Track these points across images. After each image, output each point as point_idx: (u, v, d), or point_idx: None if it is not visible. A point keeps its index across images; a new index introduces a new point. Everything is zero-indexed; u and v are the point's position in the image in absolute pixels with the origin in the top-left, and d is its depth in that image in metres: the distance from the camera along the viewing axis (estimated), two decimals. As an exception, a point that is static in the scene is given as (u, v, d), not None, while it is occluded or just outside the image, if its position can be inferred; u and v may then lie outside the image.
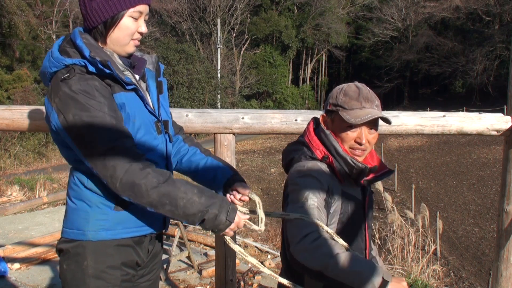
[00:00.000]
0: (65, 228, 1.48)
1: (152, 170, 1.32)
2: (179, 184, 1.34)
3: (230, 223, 1.39)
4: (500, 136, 2.35)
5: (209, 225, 1.38)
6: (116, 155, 1.29)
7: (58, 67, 1.37)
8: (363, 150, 1.51)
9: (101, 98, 1.33)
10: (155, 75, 1.60)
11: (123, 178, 1.29)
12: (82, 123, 1.31)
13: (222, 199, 1.40)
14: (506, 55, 31.71)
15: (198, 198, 1.34)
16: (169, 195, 1.32)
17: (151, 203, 1.32)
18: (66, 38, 1.45)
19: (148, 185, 1.29)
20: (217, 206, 1.37)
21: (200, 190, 1.37)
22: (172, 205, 1.32)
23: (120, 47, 1.45)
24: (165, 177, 1.33)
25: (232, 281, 2.44)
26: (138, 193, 1.30)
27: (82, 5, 1.41)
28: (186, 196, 1.33)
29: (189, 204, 1.33)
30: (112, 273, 1.44)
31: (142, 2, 1.42)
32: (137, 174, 1.29)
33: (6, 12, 22.66)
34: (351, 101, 1.48)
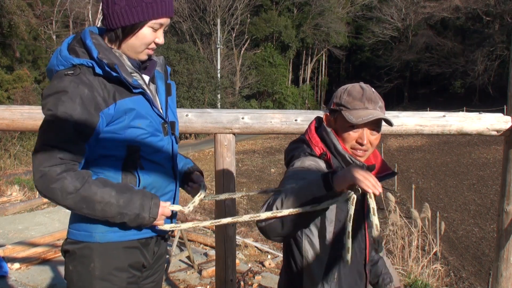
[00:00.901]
0: (71, 229, 1.48)
1: (69, 176, 1.31)
2: (95, 188, 1.33)
3: (154, 219, 1.41)
4: (500, 136, 2.35)
5: (133, 224, 1.40)
6: (42, 157, 1.31)
7: (65, 66, 1.37)
8: (364, 151, 1.51)
9: (77, 105, 1.32)
10: (164, 77, 1.61)
11: (38, 181, 1.31)
12: (46, 115, 1.34)
13: (143, 196, 1.40)
14: (506, 55, 31.72)
15: (116, 201, 1.34)
16: (85, 200, 1.32)
17: (67, 207, 1.34)
18: (76, 37, 1.44)
19: (63, 191, 1.30)
20: (137, 205, 1.37)
21: (119, 190, 1.37)
22: (89, 209, 1.34)
23: (133, 53, 1.45)
24: (82, 182, 1.32)
25: (232, 281, 2.44)
26: (54, 197, 1.32)
27: (105, 4, 1.39)
28: (103, 200, 1.33)
29: (107, 208, 1.34)
30: (118, 275, 1.44)
31: (165, 15, 1.41)
32: (52, 179, 1.30)
33: (6, 12, 22.66)
34: (354, 101, 1.48)
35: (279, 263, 5.32)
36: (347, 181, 1.20)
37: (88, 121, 1.33)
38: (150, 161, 1.47)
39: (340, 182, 1.21)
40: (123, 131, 1.40)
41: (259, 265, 5.16)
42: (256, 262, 5.33)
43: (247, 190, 14.55)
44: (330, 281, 1.48)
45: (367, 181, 1.19)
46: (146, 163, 1.46)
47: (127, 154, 1.43)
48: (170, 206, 1.47)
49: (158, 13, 1.38)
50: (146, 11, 1.37)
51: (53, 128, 1.32)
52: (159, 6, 1.38)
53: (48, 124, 1.33)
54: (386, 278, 1.74)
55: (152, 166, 1.48)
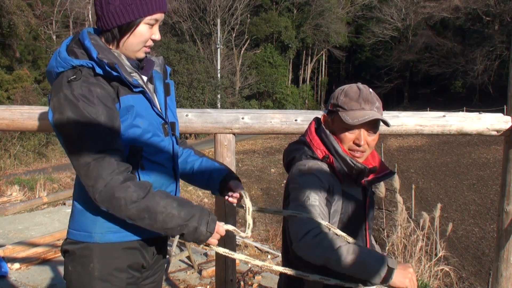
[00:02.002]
0: (71, 230, 1.48)
1: (132, 184, 1.30)
2: (158, 199, 1.33)
3: (210, 234, 1.39)
4: (500, 136, 2.35)
5: (190, 238, 1.38)
6: (99, 167, 1.29)
7: (65, 68, 1.37)
8: (362, 152, 1.51)
9: (99, 106, 1.32)
10: (163, 77, 1.60)
11: (102, 191, 1.29)
12: (73, 128, 1.31)
13: (202, 210, 1.39)
14: (506, 55, 31.71)
15: (178, 212, 1.34)
16: (148, 210, 1.31)
17: (129, 217, 1.32)
18: (75, 38, 1.44)
19: (128, 200, 1.29)
20: (197, 218, 1.36)
21: (180, 203, 1.36)
22: (151, 219, 1.32)
23: (131, 52, 1.44)
24: (145, 192, 1.32)
25: (232, 281, 2.44)
26: (117, 206, 1.30)
27: (98, 5, 1.39)
28: (165, 210, 1.32)
29: (168, 219, 1.33)
30: (118, 276, 1.44)
31: (159, 10, 1.41)
32: (117, 187, 1.28)
33: (6, 12, 22.67)
34: (351, 102, 1.48)
35: (279, 263, 5.31)
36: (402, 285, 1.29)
37: (114, 116, 1.35)
38: (152, 161, 1.47)
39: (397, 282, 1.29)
40: (126, 131, 1.40)
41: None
42: (256, 262, 5.33)
43: (247, 190, 14.49)
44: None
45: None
46: (148, 163, 1.46)
47: (129, 154, 1.42)
48: (224, 226, 1.46)
49: (152, 9, 1.39)
50: (141, 8, 1.37)
51: (89, 137, 1.30)
52: (153, 2, 1.38)
53: (82, 135, 1.31)
54: None
55: (154, 166, 1.48)
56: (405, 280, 1.27)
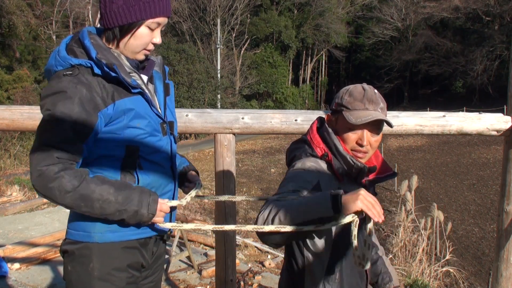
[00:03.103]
0: (70, 230, 1.48)
1: (66, 174, 1.30)
2: (93, 186, 1.33)
3: (152, 215, 1.40)
4: (500, 136, 2.35)
5: (132, 221, 1.39)
6: (40, 157, 1.30)
7: (63, 66, 1.37)
8: (364, 153, 1.51)
9: (76, 106, 1.31)
10: (162, 77, 1.60)
11: (36, 180, 1.30)
12: (44, 115, 1.33)
13: (141, 192, 1.39)
14: (506, 55, 31.72)
15: (115, 198, 1.34)
16: (83, 198, 1.31)
17: (66, 206, 1.33)
18: (75, 37, 1.44)
19: (61, 190, 1.29)
20: (136, 202, 1.37)
21: (118, 188, 1.36)
22: (88, 207, 1.33)
23: (131, 53, 1.45)
24: (79, 180, 1.32)
25: (232, 281, 2.44)
26: (52, 196, 1.31)
27: (102, 4, 1.39)
28: (101, 197, 1.33)
29: (105, 205, 1.33)
30: (117, 275, 1.44)
31: (162, 14, 1.40)
32: (50, 178, 1.29)
33: (6, 12, 22.67)
34: (355, 102, 1.48)
35: (279, 263, 5.32)
36: (355, 207, 1.21)
37: (87, 121, 1.33)
38: (149, 161, 1.47)
39: (349, 206, 1.22)
40: (121, 131, 1.40)
41: (259, 265, 5.17)
42: (256, 262, 5.33)
43: (247, 190, 14.55)
44: (331, 282, 1.48)
45: (374, 209, 1.21)
46: (145, 163, 1.46)
47: (126, 154, 1.42)
48: (168, 202, 1.47)
49: (155, 12, 1.38)
50: (144, 10, 1.37)
51: (51, 128, 1.32)
52: (156, 5, 1.38)
53: (46, 124, 1.33)
54: (385, 277, 1.74)
55: (151, 166, 1.48)
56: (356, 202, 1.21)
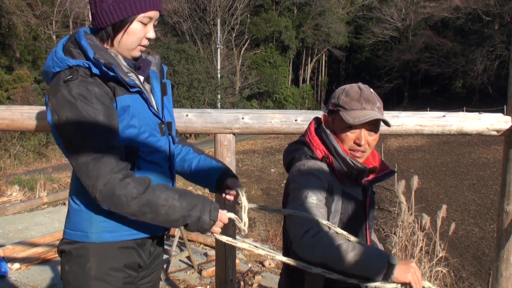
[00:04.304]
0: (67, 230, 1.48)
1: (131, 180, 1.30)
2: (159, 192, 1.33)
3: (214, 222, 1.40)
4: (500, 136, 2.35)
5: (194, 227, 1.39)
6: (98, 166, 1.29)
7: (61, 68, 1.37)
8: (362, 152, 1.51)
9: (98, 105, 1.32)
10: (159, 76, 1.60)
11: (102, 190, 1.28)
12: (73, 128, 1.31)
13: (203, 199, 1.40)
14: (506, 55, 31.71)
15: (179, 204, 1.34)
16: (149, 204, 1.31)
17: (131, 213, 1.32)
18: (71, 38, 1.43)
19: (128, 196, 1.29)
20: (199, 208, 1.37)
21: (181, 194, 1.37)
22: (153, 213, 1.32)
23: (126, 50, 1.44)
24: (144, 187, 1.32)
25: (232, 281, 2.44)
26: (118, 204, 1.30)
27: (93, 4, 1.39)
28: (167, 203, 1.33)
29: (170, 211, 1.33)
30: (114, 275, 1.44)
31: (153, 8, 1.41)
32: (116, 185, 1.28)
33: (5, 12, 22.66)
34: (352, 102, 1.48)
35: (279, 263, 5.32)
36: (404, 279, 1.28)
37: (112, 114, 1.35)
38: (148, 161, 1.47)
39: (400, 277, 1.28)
40: (123, 131, 1.40)
41: (259, 265, 5.17)
42: (256, 262, 5.33)
43: (247, 190, 14.54)
44: (331, 282, 1.48)
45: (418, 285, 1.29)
46: (144, 163, 1.46)
47: (125, 154, 1.42)
48: (227, 214, 1.47)
49: (146, 6, 1.39)
50: (134, 6, 1.37)
51: (87, 135, 1.31)
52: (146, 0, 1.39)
53: (81, 135, 1.31)
54: None
55: (150, 166, 1.48)
56: (407, 274, 1.26)
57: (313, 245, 1.32)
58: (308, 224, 1.36)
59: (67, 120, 1.31)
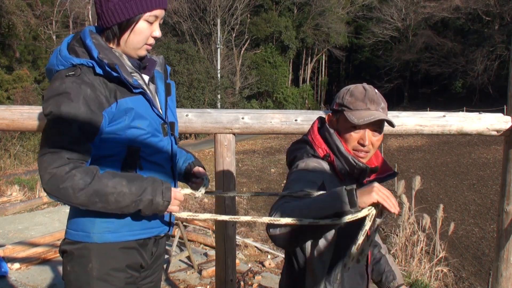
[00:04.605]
0: (69, 230, 1.48)
1: (78, 172, 1.30)
2: (105, 180, 1.32)
3: (168, 202, 1.39)
4: (500, 136, 2.35)
5: (148, 211, 1.37)
6: (51, 159, 1.29)
7: (65, 66, 1.37)
8: (366, 152, 1.51)
9: (81, 106, 1.31)
10: (164, 77, 1.60)
11: (48, 182, 1.29)
12: (50, 118, 1.32)
13: (153, 181, 1.38)
14: (506, 55, 31.71)
15: (128, 189, 1.33)
16: (97, 193, 1.30)
17: (80, 204, 1.32)
18: (76, 36, 1.43)
19: (75, 188, 1.28)
20: (150, 190, 1.36)
21: (130, 179, 1.35)
22: (103, 202, 1.31)
23: (132, 50, 1.44)
24: (91, 176, 1.31)
25: (232, 281, 2.44)
26: (66, 196, 1.29)
27: (98, 4, 1.39)
28: (115, 190, 1.31)
29: (120, 198, 1.32)
30: (116, 276, 1.44)
31: (159, 6, 1.41)
32: (62, 178, 1.28)
33: (5, 12, 22.66)
34: (357, 102, 1.48)
35: (279, 263, 5.32)
36: (371, 199, 1.21)
37: (93, 121, 1.33)
38: (150, 161, 1.47)
39: (365, 199, 1.22)
40: (123, 131, 1.40)
41: (259, 265, 5.17)
42: (256, 262, 5.33)
43: (247, 190, 14.54)
44: (333, 282, 1.48)
45: (389, 201, 1.21)
46: (146, 163, 1.46)
47: (127, 154, 1.42)
48: (181, 190, 1.46)
49: (152, 5, 1.39)
50: (140, 5, 1.37)
51: (58, 130, 1.31)
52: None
53: (53, 126, 1.32)
54: (389, 276, 1.74)
55: (152, 166, 1.48)
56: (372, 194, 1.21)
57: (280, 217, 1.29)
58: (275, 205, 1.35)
59: (49, 110, 1.32)
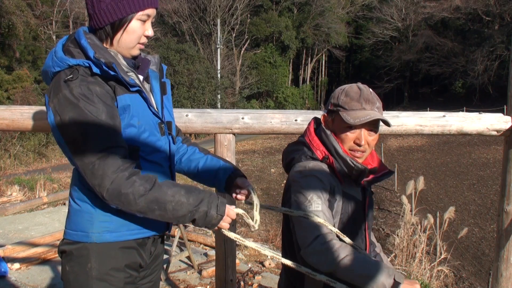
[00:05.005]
0: (68, 230, 1.48)
1: (138, 178, 1.31)
2: (165, 188, 1.33)
3: (221, 217, 1.39)
4: (500, 136, 2.35)
5: (201, 223, 1.38)
6: (104, 165, 1.29)
7: (61, 67, 1.36)
8: (362, 152, 1.51)
9: (100, 105, 1.32)
10: (159, 75, 1.60)
11: (109, 188, 1.28)
12: (76, 128, 1.30)
13: (210, 194, 1.39)
14: (506, 55, 31.70)
15: (186, 199, 1.34)
16: (157, 201, 1.31)
17: (139, 211, 1.32)
18: (70, 37, 1.43)
19: (136, 194, 1.29)
20: (206, 203, 1.36)
21: (188, 190, 1.36)
22: (161, 210, 1.32)
23: (126, 49, 1.44)
24: (151, 183, 1.32)
25: (232, 281, 2.44)
26: (126, 202, 1.30)
27: (90, 4, 1.39)
28: (174, 199, 1.32)
29: (178, 207, 1.33)
30: (115, 275, 1.44)
31: (150, 5, 1.41)
32: (123, 183, 1.28)
33: (5, 12, 22.66)
34: (352, 102, 1.48)
35: (279, 263, 5.31)
36: None
37: (114, 113, 1.35)
38: (149, 161, 1.47)
39: None
40: (124, 130, 1.40)
41: (259, 265, 5.16)
42: (256, 262, 5.33)
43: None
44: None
45: None
46: (145, 163, 1.46)
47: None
48: (235, 209, 1.46)
49: (144, 4, 1.39)
50: (132, 4, 1.37)
51: (93, 135, 1.30)
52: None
53: (85, 135, 1.31)
54: None
55: (151, 166, 1.48)
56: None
57: (323, 252, 1.32)
58: (318, 230, 1.36)
59: (70, 120, 1.30)
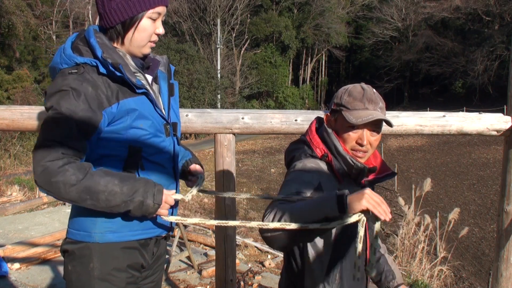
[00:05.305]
0: (70, 229, 1.48)
1: (71, 167, 1.29)
2: (98, 178, 1.31)
3: (158, 205, 1.38)
4: (500, 136, 2.35)
5: (137, 212, 1.37)
6: (44, 152, 1.29)
7: (69, 64, 1.37)
8: (364, 152, 1.51)
9: (81, 104, 1.32)
10: (167, 77, 1.60)
11: (40, 175, 1.28)
12: (51, 113, 1.33)
13: (146, 183, 1.38)
14: (506, 55, 31.70)
15: (120, 189, 1.32)
16: (88, 190, 1.30)
17: (70, 200, 1.31)
18: (80, 35, 1.44)
19: (66, 183, 1.28)
20: (141, 192, 1.35)
21: (122, 179, 1.35)
22: (93, 200, 1.31)
23: (137, 48, 1.44)
24: (83, 173, 1.30)
25: (232, 281, 2.44)
26: (56, 190, 1.29)
27: (100, 4, 1.39)
28: (106, 189, 1.31)
29: (111, 197, 1.31)
30: (117, 276, 1.44)
31: (161, 3, 1.42)
32: (54, 172, 1.27)
33: (5, 12, 22.65)
34: (355, 102, 1.48)
35: (279, 263, 5.32)
36: (361, 206, 1.21)
37: (92, 119, 1.33)
38: (152, 162, 1.47)
39: (355, 206, 1.22)
40: (125, 131, 1.40)
41: (259, 265, 5.17)
42: (256, 262, 5.33)
43: (247, 190, 14.53)
44: (331, 282, 1.48)
45: (380, 208, 1.21)
46: (147, 163, 1.46)
47: (128, 154, 1.42)
48: (173, 195, 1.46)
49: (154, 2, 1.39)
50: (143, 2, 1.38)
51: (55, 124, 1.31)
52: None
53: (51, 121, 1.32)
54: (388, 275, 1.74)
55: (153, 166, 1.48)
56: (362, 201, 1.21)
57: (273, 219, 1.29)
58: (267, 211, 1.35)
59: (50, 105, 1.33)
